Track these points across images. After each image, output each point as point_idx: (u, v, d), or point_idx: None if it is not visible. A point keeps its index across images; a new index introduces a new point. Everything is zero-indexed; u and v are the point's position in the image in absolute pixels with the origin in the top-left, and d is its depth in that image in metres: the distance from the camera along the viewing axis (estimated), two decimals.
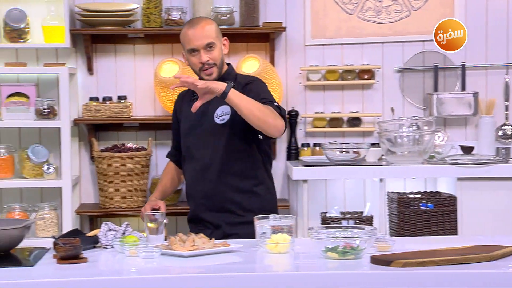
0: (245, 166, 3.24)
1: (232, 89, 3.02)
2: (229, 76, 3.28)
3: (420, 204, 4.38)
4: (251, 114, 3.04)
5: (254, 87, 3.23)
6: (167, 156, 3.51)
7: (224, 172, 3.21)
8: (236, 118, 3.15)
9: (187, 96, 3.39)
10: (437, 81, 4.81)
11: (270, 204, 3.28)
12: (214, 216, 3.25)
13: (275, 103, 3.18)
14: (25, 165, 4.55)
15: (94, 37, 4.67)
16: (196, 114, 3.23)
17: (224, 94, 3.00)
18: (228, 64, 3.34)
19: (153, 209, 3.19)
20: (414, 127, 4.49)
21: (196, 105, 3.05)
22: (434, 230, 4.37)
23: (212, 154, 3.22)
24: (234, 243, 2.82)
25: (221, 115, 3.23)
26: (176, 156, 3.46)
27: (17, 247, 2.80)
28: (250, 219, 2.95)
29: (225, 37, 3.30)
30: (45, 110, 4.47)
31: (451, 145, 4.63)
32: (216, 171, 3.21)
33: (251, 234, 2.91)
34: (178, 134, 3.39)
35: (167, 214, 3.30)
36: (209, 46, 3.19)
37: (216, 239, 2.85)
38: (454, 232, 4.36)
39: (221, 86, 3.01)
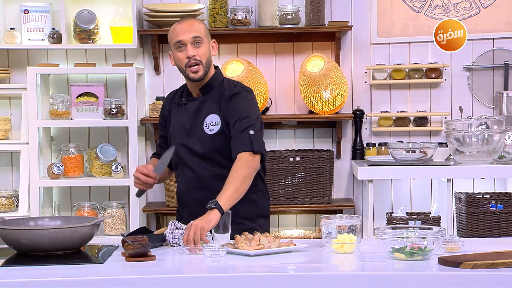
0: None
1: (220, 204, 2.86)
2: (216, 81, 3.16)
3: (490, 205, 4.30)
4: (243, 194, 2.99)
5: (236, 104, 3.09)
6: (152, 157, 3.36)
7: (219, 180, 3.06)
8: (225, 128, 3.07)
9: (176, 98, 3.27)
10: (508, 79, 4.71)
11: (265, 210, 3.21)
12: None
13: (256, 130, 3.03)
14: (94, 164, 4.64)
15: (161, 37, 4.73)
16: (186, 121, 3.15)
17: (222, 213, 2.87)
18: (216, 67, 3.22)
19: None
20: (483, 126, 4.41)
21: None
22: (504, 231, 4.27)
23: (205, 164, 3.13)
24: (300, 243, 2.81)
25: (211, 124, 3.12)
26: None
27: (87, 244, 2.85)
28: (249, 226, 2.93)
29: (214, 40, 3.19)
30: (113, 110, 4.54)
31: None
32: (210, 180, 3.12)
33: None
34: (166, 133, 3.28)
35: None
36: (196, 41, 3.07)
37: None
38: None
39: (214, 220, 2.83)
